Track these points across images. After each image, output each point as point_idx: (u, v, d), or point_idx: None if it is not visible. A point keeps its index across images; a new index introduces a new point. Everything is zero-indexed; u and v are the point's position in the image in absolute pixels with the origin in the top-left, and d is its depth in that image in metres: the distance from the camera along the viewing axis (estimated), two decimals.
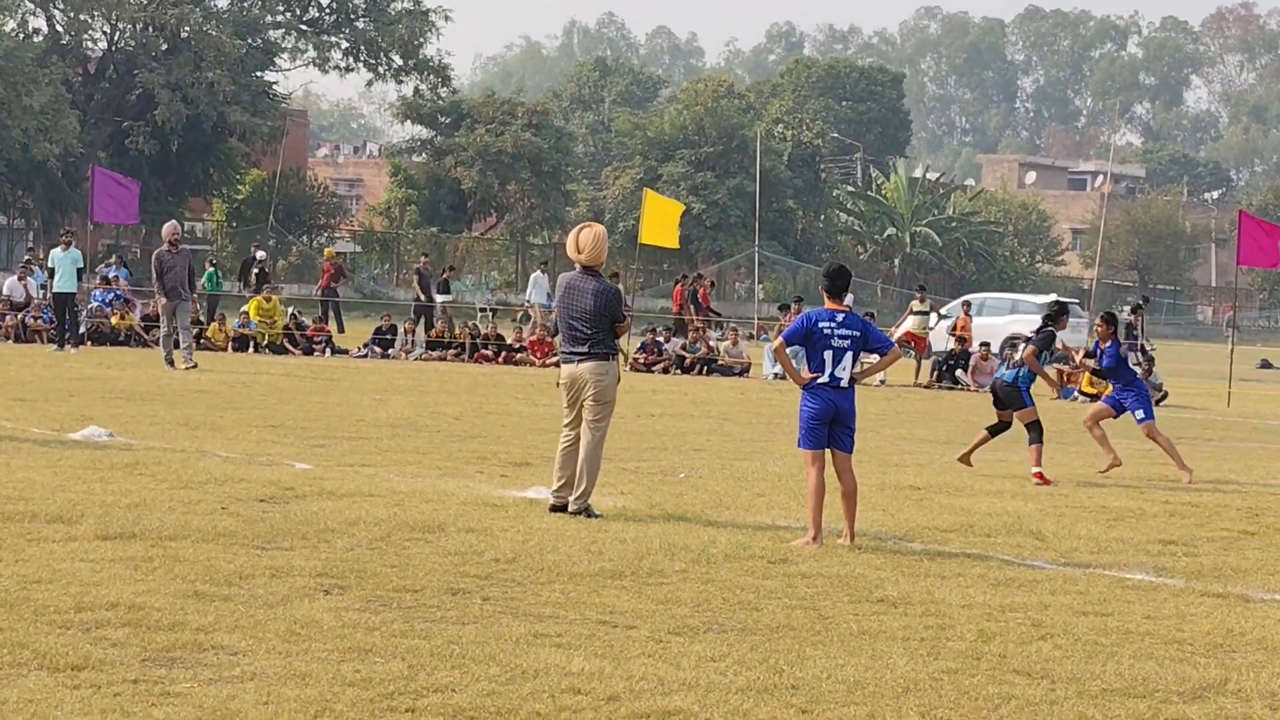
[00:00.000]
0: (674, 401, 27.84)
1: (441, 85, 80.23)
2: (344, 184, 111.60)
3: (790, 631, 9.15)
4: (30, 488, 13.04)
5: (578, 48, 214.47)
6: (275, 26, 76.37)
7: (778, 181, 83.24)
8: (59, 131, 63.85)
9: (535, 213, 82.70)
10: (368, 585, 9.83)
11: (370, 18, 76.52)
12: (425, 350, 39.69)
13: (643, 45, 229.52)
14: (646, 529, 12.56)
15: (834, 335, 12.55)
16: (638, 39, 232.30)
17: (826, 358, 12.54)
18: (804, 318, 12.81)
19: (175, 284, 29.39)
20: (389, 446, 17.97)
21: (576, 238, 13.65)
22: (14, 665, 7.53)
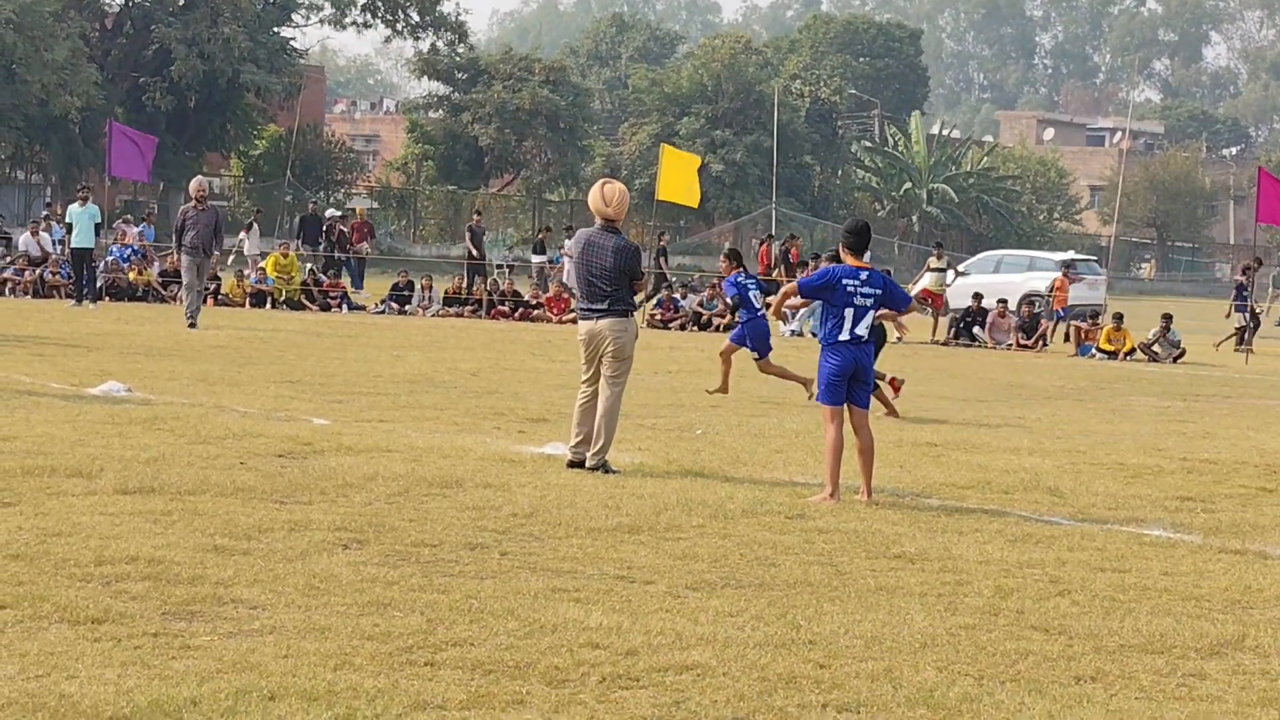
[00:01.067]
0: (691, 358, 27.84)
1: (459, 41, 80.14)
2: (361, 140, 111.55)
3: (807, 587, 9.17)
4: (49, 442, 13.08)
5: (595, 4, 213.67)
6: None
7: (795, 138, 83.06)
8: (78, 85, 63.83)
9: (552, 169, 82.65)
10: (386, 540, 9.86)
11: None
12: (442, 307, 39.71)
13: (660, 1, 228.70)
14: (664, 485, 12.57)
15: (857, 293, 12.50)
16: None
17: (847, 315, 12.48)
18: (826, 272, 12.72)
19: (199, 241, 28.75)
20: (407, 402, 18.00)
21: (602, 192, 13.63)
22: (35, 618, 7.56)
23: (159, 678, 6.71)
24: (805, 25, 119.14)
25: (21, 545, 9.05)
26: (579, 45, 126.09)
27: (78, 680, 6.61)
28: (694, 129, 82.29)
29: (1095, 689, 7.35)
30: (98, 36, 72.26)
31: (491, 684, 6.89)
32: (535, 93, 78.84)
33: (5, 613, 7.60)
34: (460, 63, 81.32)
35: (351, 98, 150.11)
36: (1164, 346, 35.13)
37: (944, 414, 19.77)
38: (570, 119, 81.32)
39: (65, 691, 6.44)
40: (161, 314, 33.12)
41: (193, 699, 6.43)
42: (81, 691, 6.45)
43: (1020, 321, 37.91)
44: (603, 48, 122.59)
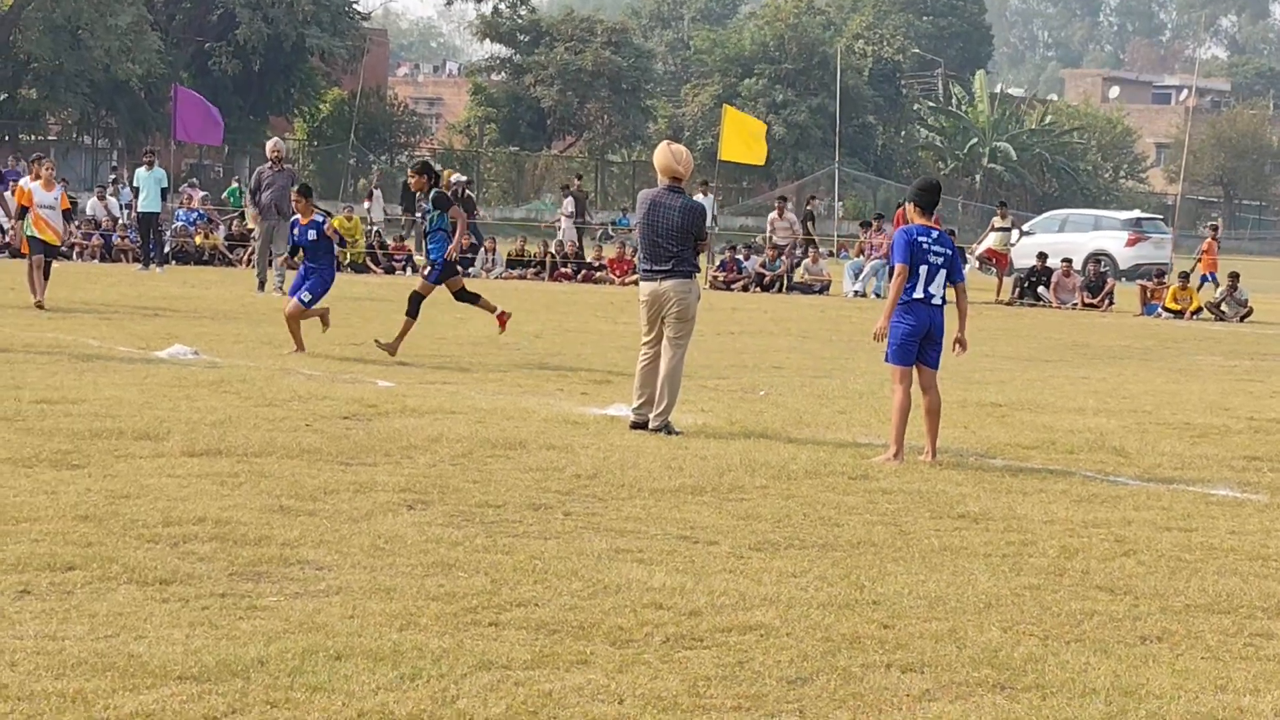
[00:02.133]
0: (754, 319, 27.82)
1: (521, 3, 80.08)
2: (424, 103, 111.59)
3: (871, 547, 9.16)
4: (118, 405, 13.18)
5: None
6: None
7: (858, 98, 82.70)
8: (141, 51, 64.10)
9: (614, 130, 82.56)
10: (450, 501, 9.90)
11: None
12: (506, 269, 39.75)
13: None
14: (727, 446, 12.57)
15: (930, 251, 12.41)
16: None
17: (922, 273, 12.38)
18: (904, 235, 12.55)
19: (274, 202, 28.18)
20: (470, 364, 18.05)
21: (671, 150, 13.62)
22: (104, 579, 7.63)
23: (226, 638, 6.77)
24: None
25: (90, 507, 9.13)
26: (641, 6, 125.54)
27: (146, 640, 6.67)
28: (756, 90, 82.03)
29: (1161, 649, 7.32)
30: (163, 2, 72.53)
31: (555, 644, 6.92)
32: (597, 54, 78.76)
33: (74, 573, 7.68)
34: (522, 25, 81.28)
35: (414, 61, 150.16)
36: (1231, 305, 34.86)
37: (1009, 374, 19.69)
38: (632, 80, 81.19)
39: (134, 651, 6.50)
40: (228, 277, 33.29)
41: (260, 659, 6.48)
42: (150, 651, 6.51)
43: (1086, 281, 37.67)
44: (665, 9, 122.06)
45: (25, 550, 8.02)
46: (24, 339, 18.30)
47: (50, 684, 6.09)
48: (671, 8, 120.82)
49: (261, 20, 68.48)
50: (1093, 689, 6.66)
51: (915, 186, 12.95)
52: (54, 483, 9.84)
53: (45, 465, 10.44)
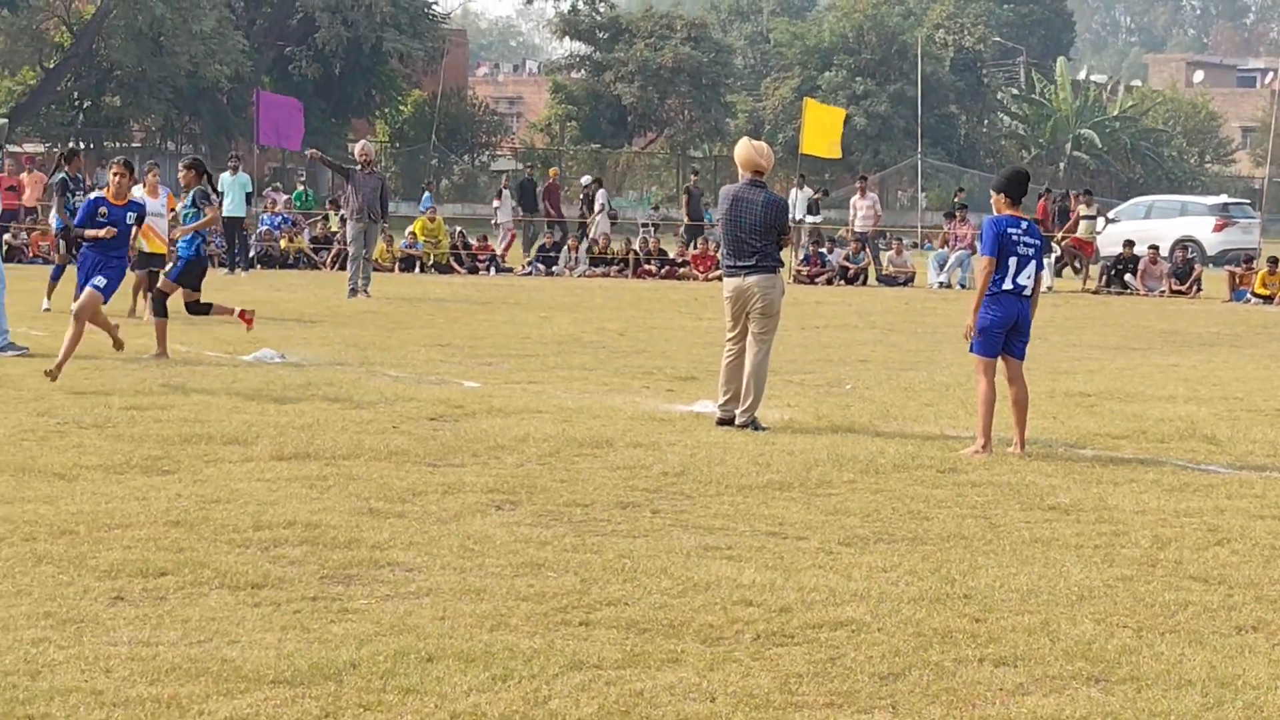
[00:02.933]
0: (838, 313, 27.73)
1: (599, 1, 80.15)
2: (504, 102, 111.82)
3: (961, 540, 9.11)
4: (206, 410, 13.27)
5: None
6: None
7: (939, 87, 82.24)
8: (225, 55, 64.58)
9: (695, 126, 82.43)
10: (538, 500, 9.91)
11: None
12: (589, 267, 39.80)
13: None
14: (814, 440, 12.53)
15: (1020, 242, 12.31)
16: None
17: (1011, 264, 12.27)
18: (994, 226, 12.42)
19: (364, 206, 28.10)
20: (555, 363, 18.07)
21: (753, 145, 13.63)
22: (196, 584, 7.68)
23: (318, 641, 6.80)
24: None
25: (181, 512, 9.19)
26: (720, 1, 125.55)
27: (239, 645, 6.71)
28: (836, 82, 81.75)
29: (1257, 639, 7.25)
30: (243, 7, 73.05)
31: (646, 643, 6.92)
32: (677, 50, 78.68)
33: (167, 579, 7.73)
34: (601, 22, 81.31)
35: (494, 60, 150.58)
36: None
37: (1097, 363, 19.54)
38: (712, 75, 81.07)
39: (227, 656, 6.55)
40: (312, 280, 33.48)
41: (352, 662, 6.51)
42: (243, 656, 6.55)
43: (1174, 267, 37.34)
44: (744, 3, 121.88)
45: (118, 557, 8.08)
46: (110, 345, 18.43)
47: (145, 690, 6.13)
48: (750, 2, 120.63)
49: (341, 24, 68.84)
50: (1188, 680, 6.60)
51: (1003, 176, 12.81)
52: (145, 489, 9.92)
53: (136, 471, 10.53)
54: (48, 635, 6.79)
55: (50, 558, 8.07)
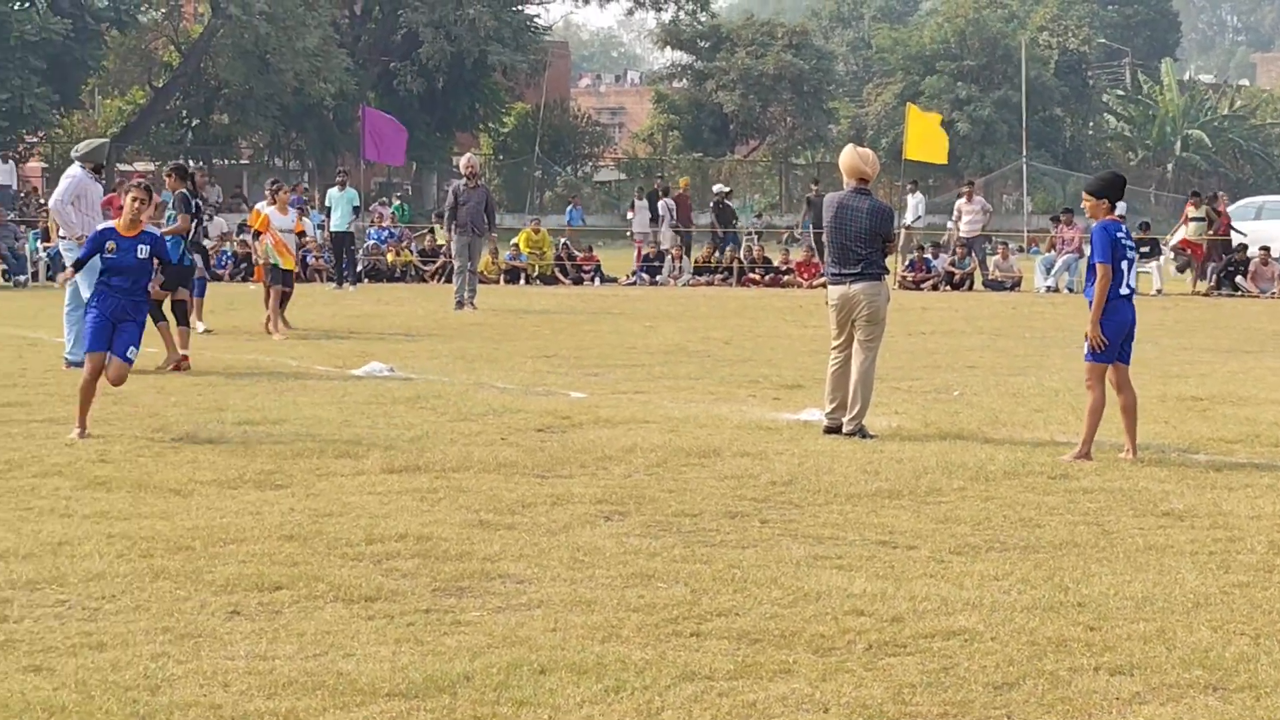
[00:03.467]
0: (944, 319, 27.59)
1: (701, 10, 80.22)
2: (607, 113, 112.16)
3: (1074, 548, 9.04)
4: (317, 424, 13.39)
5: None
6: None
7: (1044, 90, 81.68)
8: (330, 72, 65.12)
9: (797, 133, 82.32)
10: (647, 511, 9.93)
11: None
12: (693, 276, 39.81)
13: None
14: (923, 448, 12.48)
15: (1128, 246, 12.26)
16: None
17: (1123, 269, 12.22)
18: (1106, 233, 12.29)
19: (469, 219, 28.24)
20: (661, 373, 18.09)
21: (857, 152, 13.61)
22: (310, 598, 7.75)
23: (432, 654, 6.85)
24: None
25: (295, 526, 9.28)
26: (821, 7, 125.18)
27: (354, 658, 6.77)
28: (939, 87, 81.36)
29: None
30: (348, 23, 73.61)
31: (758, 653, 6.91)
32: (778, 57, 78.61)
33: (282, 593, 7.81)
34: (703, 31, 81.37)
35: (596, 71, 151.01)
36: None
37: (1209, 366, 19.32)
38: (814, 82, 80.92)
39: (343, 669, 6.60)
40: (419, 293, 33.68)
41: (466, 674, 6.54)
42: (358, 669, 6.60)
43: None
44: (845, 9, 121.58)
45: (234, 571, 8.17)
46: (225, 361, 18.65)
47: (263, 704, 6.20)
48: (852, 8, 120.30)
49: (444, 38, 69.23)
50: None
51: (1104, 182, 12.64)
52: (259, 503, 10.02)
53: (250, 486, 10.64)
54: (166, 650, 6.88)
55: (167, 573, 8.17)
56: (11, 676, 6.51)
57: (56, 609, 7.54)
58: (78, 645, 6.94)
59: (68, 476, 10.89)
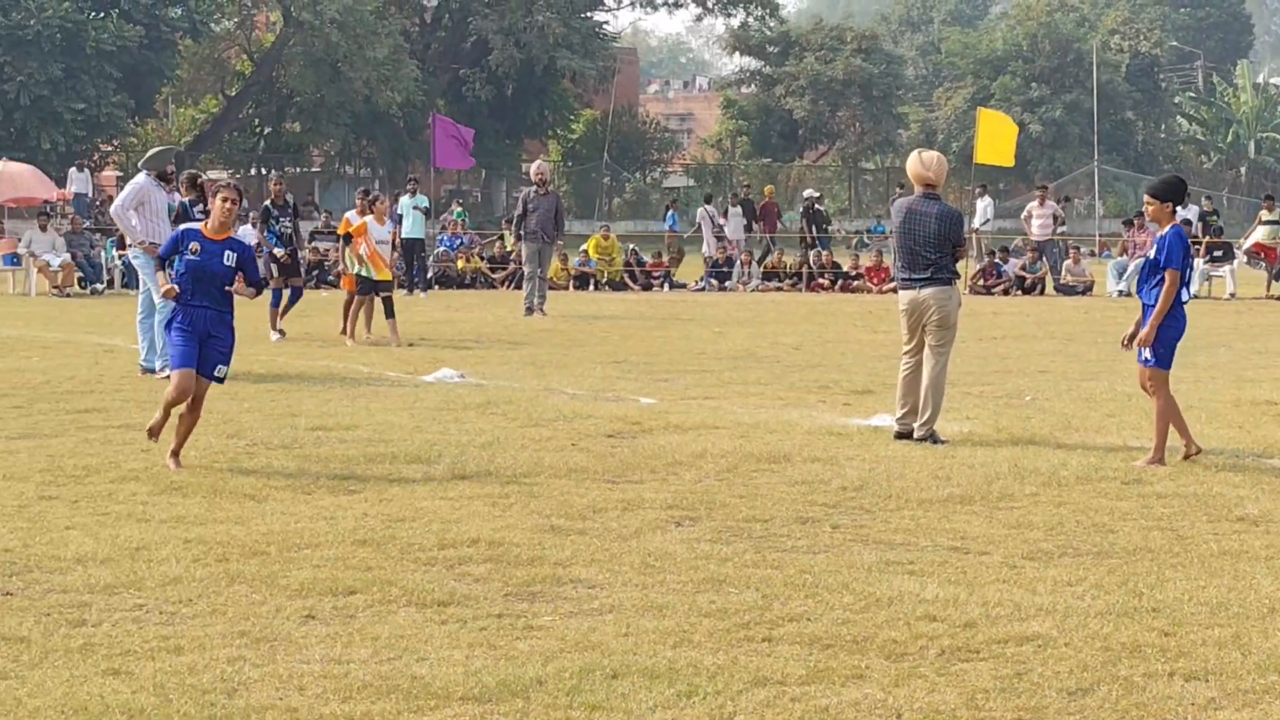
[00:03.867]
0: (1016, 323, 27.48)
1: (769, 16, 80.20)
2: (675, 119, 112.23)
3: (1148, 553, 9.00)
4: (389, 430, 13.46)
5: None
6: None
7: (1115, 94, 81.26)
8: (399, 81, 65.45)
9: (866, 138, 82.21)
10: (718, 516, 9.94)
11: None
12: (762, 281, 39.78)
13: None
14: (995, 453, 12.44)
15: (1192, 254, 12.22)
16: None
17: (1189, 275, 12.20)
18: (1181, 240, 12.24)
19: (539, 226, 28.29)
20: (731, 379, 18.09)
21: (920, 158, 13.56)
22: (384, 602, 7.80)
23: (505, 658, 6.88)
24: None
25: (368, 531, 9.34)
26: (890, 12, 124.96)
27: (428, 662, 6.81)
28: (1010, 89, 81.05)
29: None
30: (417, 32, 74.00)
31: (830, 658, 6.92)
32: (848, 62, 78.54)
33: (356, 597, 7.86)
34: (771, 36, 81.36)
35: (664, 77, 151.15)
36: None
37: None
38: (884, 87, 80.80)
39: (416, 674, 6.64)
40: (489, 300, 33.80)
41: (538, 679, 6.57)
42: (432, 673, 6.64)
43: None
44: (914, 13, 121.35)
45: (308, 576, 8.23)
46: (297, 367, 18.78)
47: (338, 707, 6.25)
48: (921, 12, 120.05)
49: (514, 45, 69.49)
50: None
51: (1168, 187, 12.50)
52: (332, 508, 10.09)
53: (323, 491, 10.71)
54: (243, 654, 6.94)
55: (243, 577, 8.24)
56: (90, 680, 6.58)
57: (134, 613, 7.61)
58: (155, 649, 7.01)
59: (144, 482, 10.99)
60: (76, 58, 57.59)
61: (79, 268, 36.36)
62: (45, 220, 37.83)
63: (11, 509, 10.02)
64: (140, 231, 17.74)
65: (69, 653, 6.96)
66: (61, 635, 7.22)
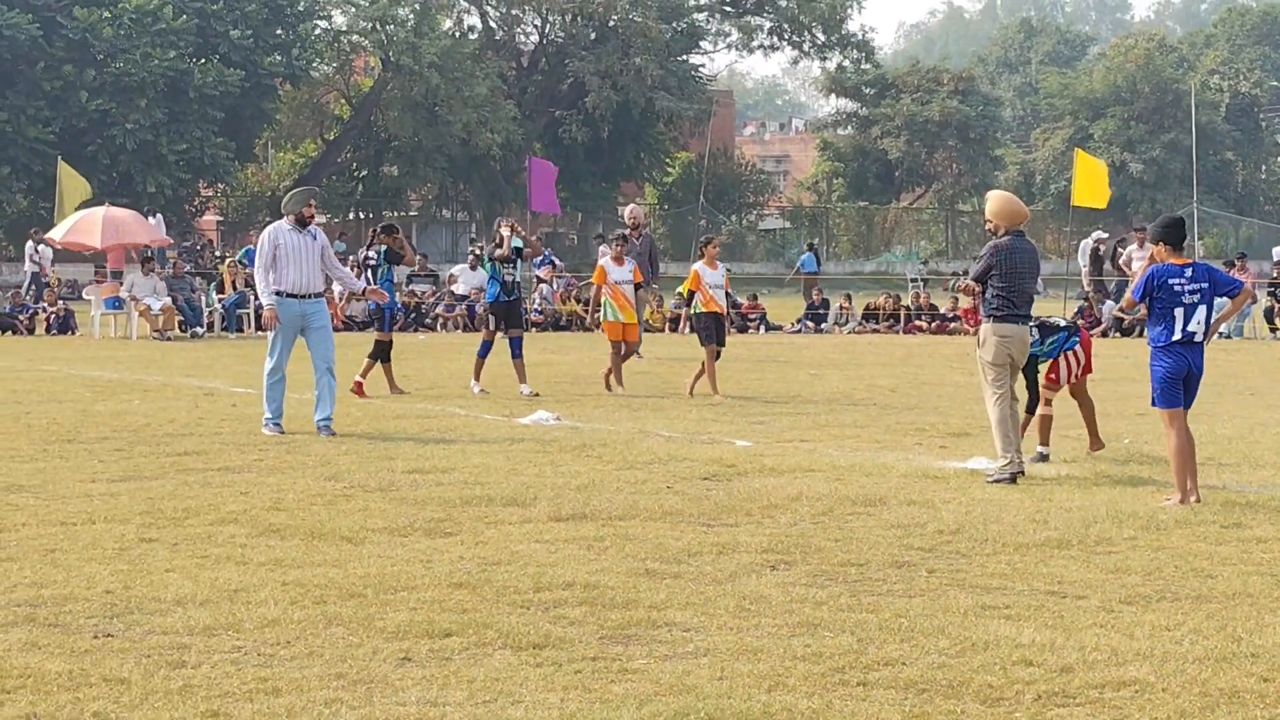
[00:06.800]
0: (1113, 365, 27.26)
1: (865, 59, 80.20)
2: (771, 161, 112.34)
3: (1247, 598, 8.91)
4: (485, 473, 13.53)
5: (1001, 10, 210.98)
6: (699, 10, 77.50)
7: (1215, 134, 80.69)
8: (498, 123, 65.84)
9: (963, 180, 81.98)
10: (813, 560, 9.92)
11: None
12: (861, 323, 39.71)
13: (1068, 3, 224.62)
14: (1092, 497, 12.36)
15: (1184, 292, 12.21)
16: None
17: (1176, 315, 12.23)
18: (1151, 275, 12.34)
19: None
20: (826, 421, 18.06)
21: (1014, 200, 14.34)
22: (479, 645, 7.84)
23: (600, 701, 6.90)
24: (1221, 18, 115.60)
25: (464, 574, 9.39)
26: (987, 53, 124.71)
27: (523, 705, 6.84)
28: (1110, 131, 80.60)
29: None
30: (514, 74, 74.46)
31: (925, 703, 6.89)
32: (944, 104, 78.40)
33: (452, 640, 7.90)
34: (867, 78, 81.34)
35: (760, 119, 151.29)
36: None
37: None
38: (981, 129, 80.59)
39: (512, 716, 6.67)
40: (584, 342, 33.86)
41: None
42: (527, 716, 6.67)
43: None
44: (1011, 54, 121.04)
45: (405, 618, 8.29)
46: (394, 410, 18.90)
47: None
48: (1018, 53, 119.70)
49: (611, 88, 69.79)
50: None
51: (1161, 225, 12.71)
52: (429, 551, 10.15)
53: (420, 534, 10.78)
54: (340, 696, 6.99)
55: (340, 619, 8.30)
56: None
57: (233, 655, 7.69)
58: (254, 691, 7.07)
59: (243, 524, 11.10)
60: (180, 102, 58.37)
61: (180, 311, 36.77)
62: (148, 265, 38.26)
63: (112, 551, 10.14)
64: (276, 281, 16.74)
65: (169, 694, 7.04)
66: (161, 677, 7.30)
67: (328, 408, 16.51)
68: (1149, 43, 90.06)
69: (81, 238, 39.36)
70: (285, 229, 16.88)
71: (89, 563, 9.74)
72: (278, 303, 16.70)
